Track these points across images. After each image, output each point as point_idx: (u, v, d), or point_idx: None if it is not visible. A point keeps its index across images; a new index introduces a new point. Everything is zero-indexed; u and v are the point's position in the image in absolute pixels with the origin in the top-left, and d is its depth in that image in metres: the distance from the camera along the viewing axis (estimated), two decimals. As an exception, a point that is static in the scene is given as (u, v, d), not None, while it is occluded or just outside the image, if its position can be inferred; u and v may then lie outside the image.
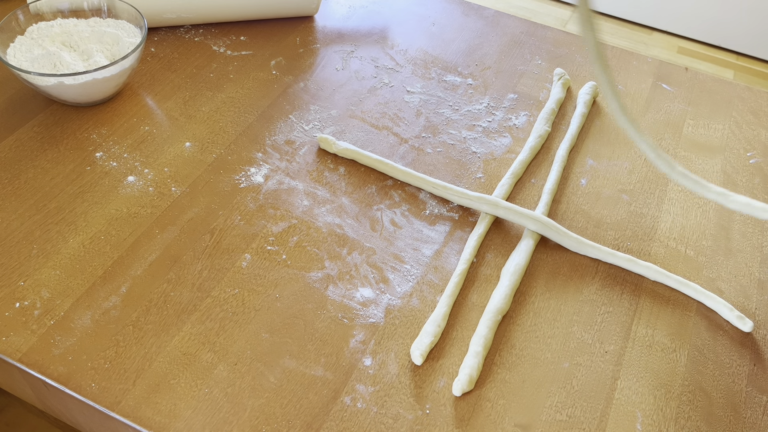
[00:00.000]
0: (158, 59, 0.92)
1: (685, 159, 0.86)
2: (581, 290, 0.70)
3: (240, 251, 0.70)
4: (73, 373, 0.59)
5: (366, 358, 0.63)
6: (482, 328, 0.65)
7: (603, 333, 0.67)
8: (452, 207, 0.77)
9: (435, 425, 0.59)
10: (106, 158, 0.78)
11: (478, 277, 0.71)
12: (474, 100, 0.92)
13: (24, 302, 0.64)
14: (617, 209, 0.79)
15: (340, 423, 0.58)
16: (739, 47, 2.26)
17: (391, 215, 0.76)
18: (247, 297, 0.66)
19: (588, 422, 0.60)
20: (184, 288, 0.67)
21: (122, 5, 0.87)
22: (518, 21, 1.08)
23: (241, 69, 0.93)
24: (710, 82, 0.99)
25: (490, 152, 0.84)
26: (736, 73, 2.21)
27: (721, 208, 0.80)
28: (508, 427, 0.59)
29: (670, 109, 0.94)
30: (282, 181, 0.78)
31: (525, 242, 0.73)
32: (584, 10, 0.62)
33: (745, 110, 0.94)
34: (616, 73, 0.98)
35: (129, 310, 0.64)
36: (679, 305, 0.70)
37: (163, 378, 0.60)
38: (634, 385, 0.63)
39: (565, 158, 0.83)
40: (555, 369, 0.64)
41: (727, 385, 0.64)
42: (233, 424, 0.57)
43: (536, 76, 0.97)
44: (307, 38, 1.00)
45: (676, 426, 0.61)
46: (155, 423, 0.57)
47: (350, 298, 0.67)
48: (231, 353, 0.62)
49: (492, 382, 0.62)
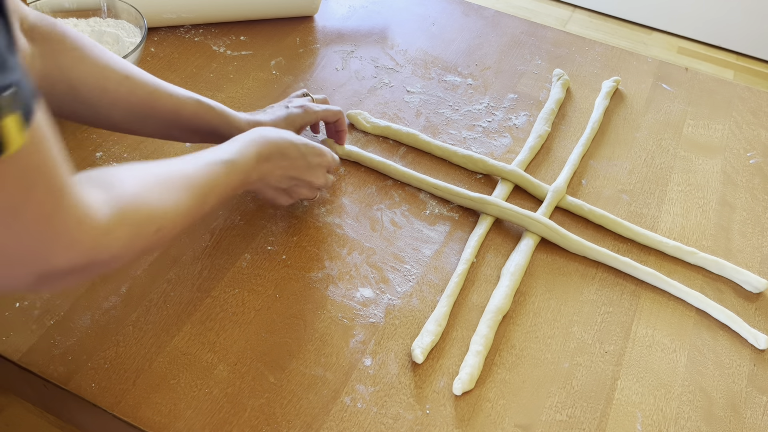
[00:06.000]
0: (158, 59, 0.92)
1: (685, 159, 0.86)
2: (581, 290, 0.70)
3: (240, 251, 0.70)
4: (73, 373, 0.59)
5: (366, 358, 0.63)
6: (482, 327, 0.65)
7: (603, 333, 0.67)
8: (452, 207, 0.77)
9: (435, 425, 0.59)
10: (106, 158, 0.78)
11: (478, 277, 0.71)
12: (474, 100, 0.92)
13: (24, 302, 0.64)
14: (617, 209, 0.79)
15: (340, 423, 0.58)
16: (739, 47, 2.26)
17: (391, 215, 0.76)
18: (247, 297, 0.66)
19: (588, 422, 0.60)
20: (184, 288, 0.67)
21: (122, 5, 0.87)
22: (518, 21, 1.08)
23: (241, 69, 0.93)
24: (710, 82, 0.99)
25: (490, 152, 0.84)
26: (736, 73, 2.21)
27: (721, 208, 0.80)
28: (508, 427, 0.59)
29: (670, 109, 0.94)
30: (282, 181, 0.78)
31: (525, 242, 0.73)
32: None
33: (745, 110, 0.94)
34: (617, 73, 0.98)
35: (129, 310, 0.64)
36: (679, 305, 0.70)
37: (163, 378, 0.60)
38: (634, 385, 0.63)
39: (576, 162, 0.83)
40: (555, 369, 0.64)
41: (727, 385, 0.64)
42: (233, 424, 0.57)
43: (536, 76, 0.97)
44: (307, 38, 1.00)
45: (676, 426, 0.61)
46: (155, 423, 0.57)
47: (350, 298, 0.67)
48: (231, 353, 0.62)
49: (492, 382, 0.62)
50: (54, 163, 0.39)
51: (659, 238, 0.74)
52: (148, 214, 0.48)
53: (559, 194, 0.78)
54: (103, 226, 0.43)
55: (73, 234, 0.41)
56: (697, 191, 0.82)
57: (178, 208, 0.52)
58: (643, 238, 0.75)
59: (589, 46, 1.03)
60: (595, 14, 2.43)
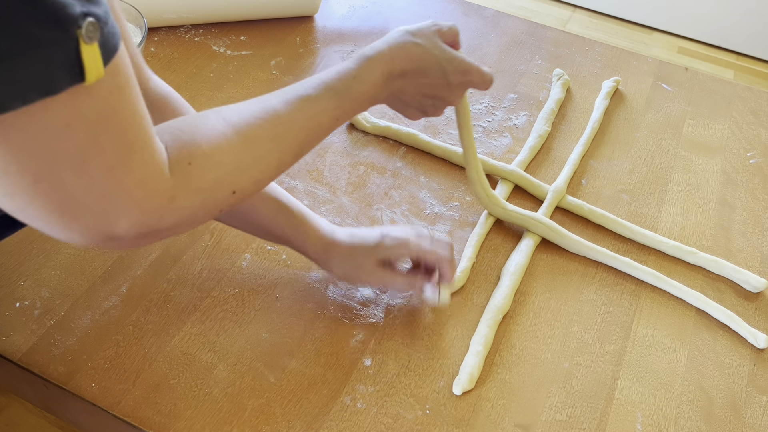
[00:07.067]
0: (158, 59, 0.92)
1: (685, 159, 0.86)
2: (581, 290, 0.70)
3: (240, 251, 0.70)
4: (73, 373, 0.59)
5: (366, 358, 0.63)
6: (483, 327, 0.65)
7: (603, 333, 0.67)
8: (452, 207, 0.77)
9: (435, 425, 0.59)
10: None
11: (478, 277, 0.71)
12: (474, 100, 0.92)
13: (24, 302, 0.64)
14: (617, 209, 0.79)
15: (340, 423, 0.58)
16: (739, 47, 2.26)
17: (391, 215, 0.76)
18: (247, 297, 0.66)
19: (588, 422, 0.60)
20: (184, 288, 0.67)
21: (122, 5, 0.87)
22: (518, 21, 1.08)
23: (241, 69, 0.93)
24: (710, 82, 0.99)
25: (490, 152, 0.84)
26: (736, 73, 2.20)
27: (721, 208, 0.80)
28: (508, 427, 0.59)
29: (670, 109, 0.93)
30: (282, 180, 0.78)
31: (525, 242, 0.73)
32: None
33: (745, 110, 0.94)
34: (617, 73, 0.98)
35: (129, 310, 0.64)
36: (679, 305, 0.70)
37: (163, 378, 0.60)
38: (634, 385, 0.63)
39: (576, 162, 0.83)
40: (555, 369, 0.64)
41: (727, 385, 0.64)
42: (233, 424, 0.57)
43: (536, 76, 0.97)
44: (307, 38, 1.00)
45: (676, 426, 0.61)
46: (155, 423, 0.57)
47: (350, 298, 0.67)
48: (231, 353, 0.62)
49: (492, 382, 0.62)
50: (130, 111, 0.39)
51: (659, 238, 0.74)
52: (221, 176, 0.45)
53: (560, 194, 0.78)
54: (167, 191, 0.41)
55: (134, 196, 0.39)
56: (697, 191, 0.82)
57: (263, 163, 0.48)
58: (642, 238, 0.75)
59: (589, 46, 1.03)
60: (595, 14, 2.43)
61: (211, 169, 0.44)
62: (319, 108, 0.53)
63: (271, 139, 0.49)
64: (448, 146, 0.82)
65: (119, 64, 0.37)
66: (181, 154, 0.43)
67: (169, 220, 0.42)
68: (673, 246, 0.73)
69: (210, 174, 0.44)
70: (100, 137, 0.37)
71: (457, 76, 0.60)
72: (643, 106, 0.93)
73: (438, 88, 0.60)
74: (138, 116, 0.39)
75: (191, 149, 0.43)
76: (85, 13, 0.34)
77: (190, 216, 0.44)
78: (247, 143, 0.47)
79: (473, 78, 0.61)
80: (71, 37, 0.34)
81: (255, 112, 0.49)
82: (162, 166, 0.41)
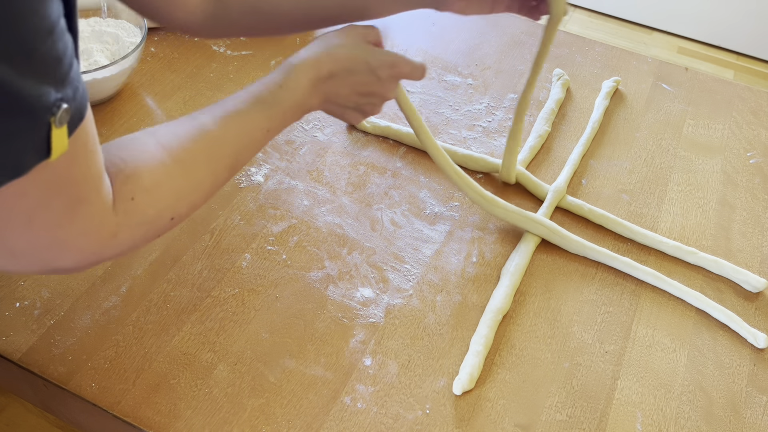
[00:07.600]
0: (158, 59, 0.92)
1: (685, 159, 0.86)
2: (581, 290, 0.70)
3: (240, 251, 0.70)
4: (73, 373, 0.59)
5: (366, 358, 0.63)
6: (482, 327, 0.65)
7: (603, 333, 0.67)
8: (452, 206, 0.77)
9: (435, 425, 0.59)
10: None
11: (478, 277, 0.71)
12: (474, 100, 0.92)
13: (24, 302, 0.64)
14: (617, 209, 0.79)
15: (340, 423, 0.58)
16: (739, 47, 2.26)
17: (391, 215, 0.76)
18: (247, 297, 0.66)
19: (588, 422, 0.60)
20: (184, 288, 0.67)
21: (122, 5, 0.87)
22: (518, 21, 1.08)
23: (241, 69, 0.93)
24: (710, 82, 0.99)
25: (490, 152, 0.84)
26: (736, 73, 2.20)
27: (721, 208, 0.80)
28: (508, 427, 0.59)
29: (670, 109, 0.93)
30: (282, 180, 0.78)
31: (525, 242, 0.73)
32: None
33: (745, 110, 0.94)
34: (617, 73, 0.98)
35: (129, 310, 0.64)
36: (679, 305, 0.70)
37: (163, 378, 0.60)
38: (634, 385, 0.63)
39: (577, 162, 0.83)
40: (555, 369, 0.64)
41: (727, 385, 0.64)
42: (233, 424, 0.57)
43: (536, 76, 0.97)
44: (307, 38, 1.00)
45: (676, 426, 0.61)
46: (155, 423, 0.57)
47: (350, 298, 0.67)
48: (231, 353, 0.62)
49: (492, 382, 0.62)
50: (83, 169, 0.39)
51: (659, 238, 0.74)
52: (161, 209, 0.47)
53: (560, 194, 0.78)
54: (110, 229, 0.43)
55: (77, 244, 0.41)
56: (697, 191, 0.82)
57: (200, 188, 0.50)
58: (642, 238, 0.75)
59: (589, 46, 1.03)
60: (595, 14, 2.43)
61: (152, 204, 0.46)
62: (250, 122, 0.54)
63: (206, 163, 0.50)
64: (448, 146, 0.82)
65: (82, 128, 0.38)
66: (123, 190, 0.44)
67: (111, 252, 0.44)
68: (673, 246, 0.73)
69: (151, 209, 0.46)
70: (50, 199, 0.38)
71: (385, 70, 0.60)
72: (643, 106, 0.93)
73: (369, 84, 0.60)
74: (91, 170, 0.40)
75: (133, 185, 0.45)
76: (60, 99, 0.35)
77: (131, 246, 0.46)
78: (184, 170, 0.48)
79: (402, 69, 0.61)
80: (45, 124, 0.34)
81: (189, 133, 0.50)
82: (107, 207, 0.42)
